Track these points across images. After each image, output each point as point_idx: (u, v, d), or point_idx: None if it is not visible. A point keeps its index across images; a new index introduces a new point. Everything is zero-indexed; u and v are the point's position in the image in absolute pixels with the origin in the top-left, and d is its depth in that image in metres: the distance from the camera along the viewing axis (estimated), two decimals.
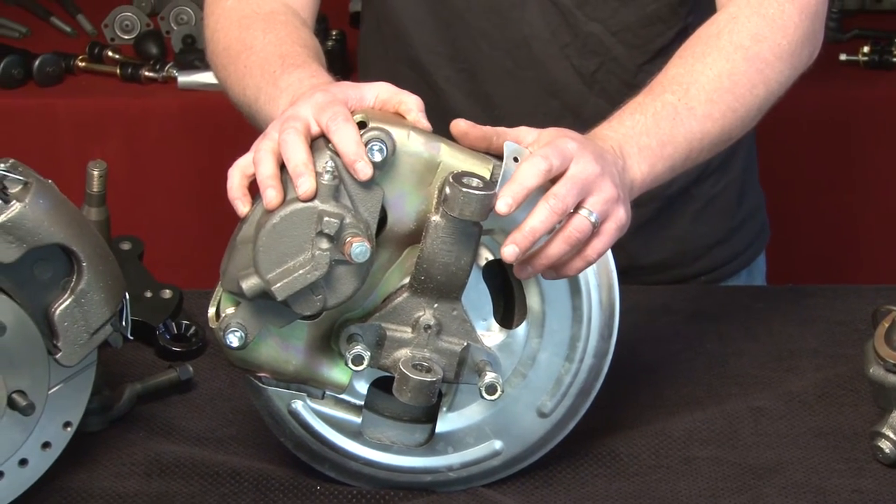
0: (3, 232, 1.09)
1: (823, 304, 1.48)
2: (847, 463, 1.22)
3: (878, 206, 2.39)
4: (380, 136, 1.10)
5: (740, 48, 1.31)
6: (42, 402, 1.14)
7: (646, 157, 1.21)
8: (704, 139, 1.27)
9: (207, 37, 1.46)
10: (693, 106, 1.26)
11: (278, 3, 1.43)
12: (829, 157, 2.38)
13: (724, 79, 1.29)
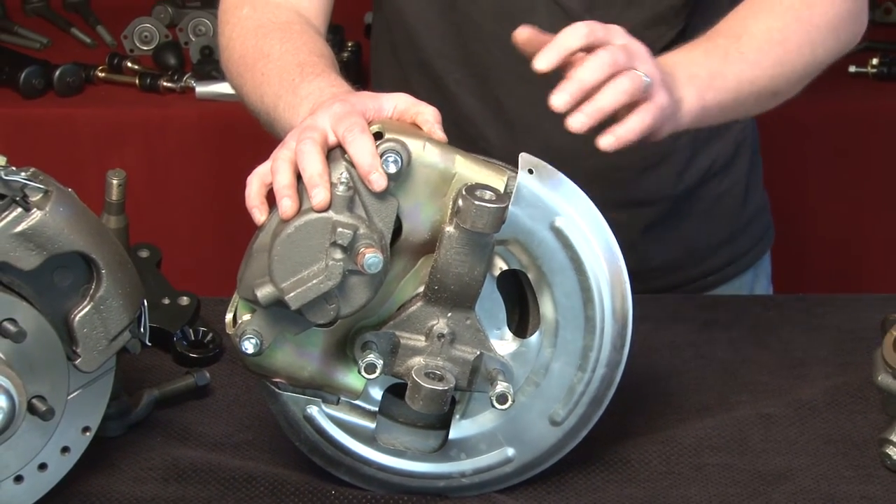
0: (24, 239, 1.10)
1: (832, 314, 1.48)
2: (856, 469, 1.22)
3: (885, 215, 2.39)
4: (395, 147, 1.10)
5: (791, 9, 1.36)
6: (61, 407, 1.14)
7: (695, 85, 1.26)
8: (754, 84, 1.32)
9: (223, 45, 1.46)
10: (744, 51, 1.31)
11: (293, 14, 1.44)
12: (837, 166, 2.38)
13: (775, 33, 1.34)
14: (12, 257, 1.10)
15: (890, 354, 1.22)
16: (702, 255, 1.62)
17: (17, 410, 1.08)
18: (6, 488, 1.14)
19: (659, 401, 1.32)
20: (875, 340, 1.26)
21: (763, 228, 1.71)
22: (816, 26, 1.37)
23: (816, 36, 1.37)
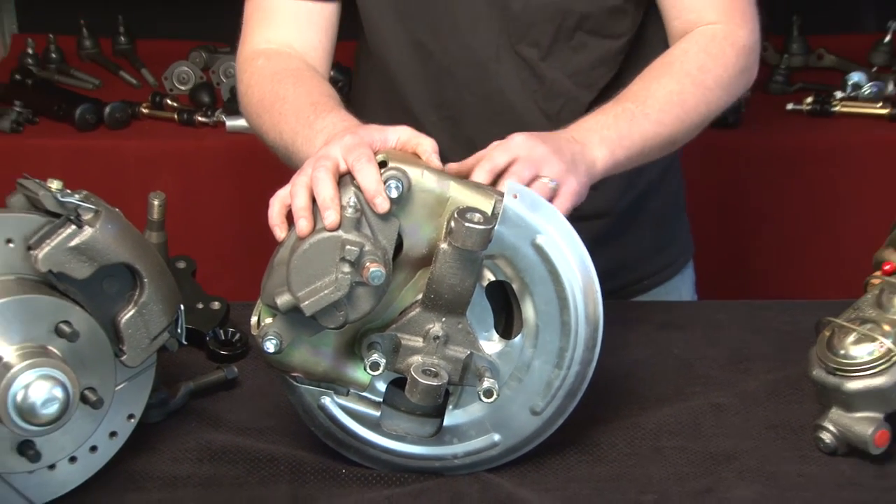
0: (78, 253, 1.10)
1: (773, 317, 1.48)
2: (794, 451, 1.22)
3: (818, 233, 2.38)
4: (397, 174, 1.10)
5: (689, 75, 1.38)
6: (109, 397, 1.14)
7: (607, 145, 1.28)
8: (657, 138, 1.34)
9: (241, 91, 1.46)
10: (648, 112, 1.33)
11: (301, 62, 1.44)
12: (778, 190, 2.38)
13: (675, 96, 1.36)
14: (67, 268, 1.10)
15: (823, 352, 1.22)
16: (637, 263, 1.62)
17: (72, 400, 1.08)
18: (62, 467, 1.14)
19: (624, 393, 1.31)
20: (810, 340, 1.25)
21: (686, 241, 1.73)
22: (710, 88, 1.39)
23: (710, 96, 1.40)
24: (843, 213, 2.34)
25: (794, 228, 2.39)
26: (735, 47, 1.42)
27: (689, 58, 1.40)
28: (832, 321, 1.24)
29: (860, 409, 1.19)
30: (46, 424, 1.07)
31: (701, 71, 1.39)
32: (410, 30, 1.49)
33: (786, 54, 2.59)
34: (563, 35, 1.47)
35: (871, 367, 1.19)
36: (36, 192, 1.12)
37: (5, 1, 2.78)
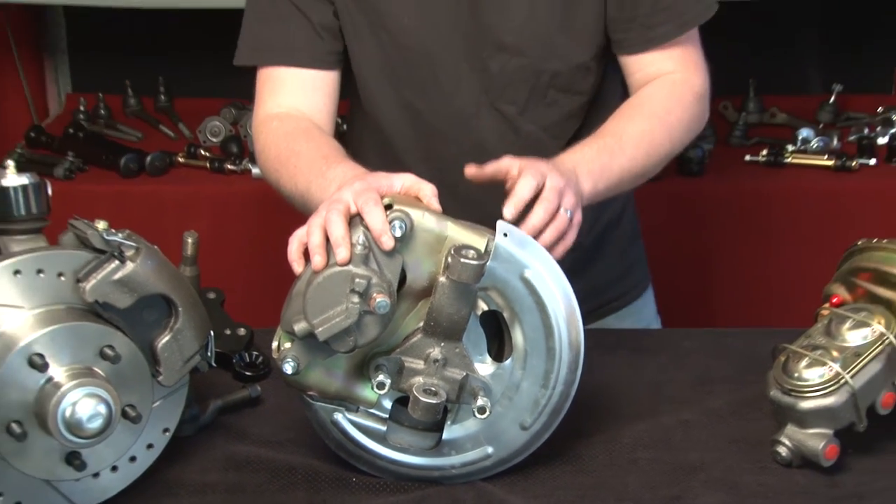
0: (120, 285, 1.10)
1: (734, 343, 1.47)
2: (754, 463, 1.21)
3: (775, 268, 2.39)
4: (401, 216, 1.11)
5: (656, 115, 1.41)
6: (147, 413, 1.14)
7: (592, 177, 1.30)
8: (631, 172, 1.37)
9: (259, 150, 1.47)
10: (624, 149, 1.35)
11: (310, 122, 1.45)
12: (739, 231, 2.38)
13: (646, 134, 1.39)
14: (111, 298, 1.10)
15: (779, 375, 1.22)
16: (604, 289, 1.61)
17: (114, 416, 1.07)
18: (105, 476, 1.14)
19: (603, 410, 1.30)
20: (767, 364, 1.25)
21: (643, 270, 1.72)
22: (674, 127, 1.42)
23: (674, 134, 1.42)
24: (795, 252, 2.34)
25: (752, 265, 2.40)
26: (692, 92, 1.45)
27: (656, 101, 1.42)
28: (787, 347, 1.24)
29: (812, 425, 1.19)
30: (91, 437, 1.07)
31: (666, 113, 1.41)
32: (400, 91, 1.49)
33: (743, 112, 2.60)
34: (537, 93, 1.48)
35: (821, 389, 1.18)
36: (84, 231, 1.12)
37: (61, 64, 2.79)
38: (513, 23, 1.43)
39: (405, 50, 1.46)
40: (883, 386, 1.20)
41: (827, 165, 2.39)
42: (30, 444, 1.08)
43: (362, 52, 1.48)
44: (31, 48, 2.75)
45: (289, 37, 1.46)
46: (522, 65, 1.45)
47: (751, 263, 2.40)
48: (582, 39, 1.45)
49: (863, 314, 1.23)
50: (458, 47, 1.45)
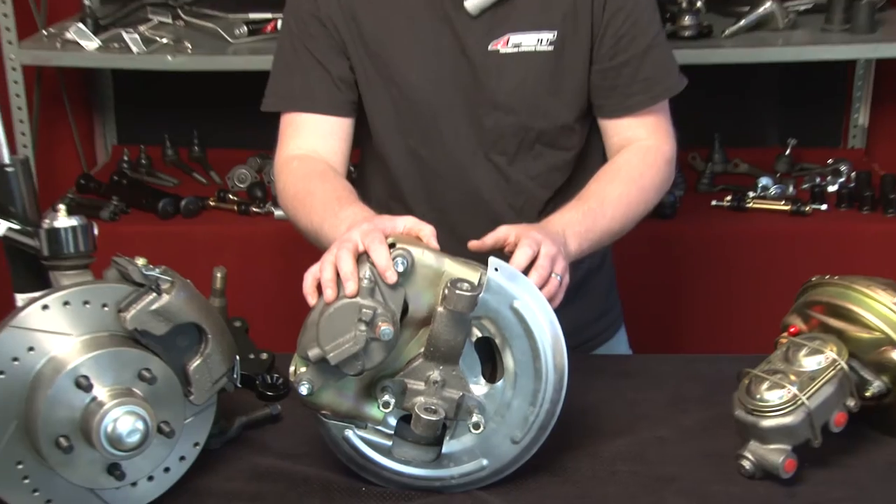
0: (157, 314, 1.10)
1: (704, 367, 1.46)
2: (721, 475, 1.20)
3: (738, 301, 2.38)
4: (403, 254, 1.11)
5: (631, 179, 1.41)
6: (180, 428, 1.14)
7: (577, 239, 1.31)
8: (609, 231, 1.38)
9: (279, 188, 1.47)
10: (605, 212, 1.36)
11: (326, 165, 1.45)
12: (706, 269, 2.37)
13: (623, 196, 1.39)
14: (149, 326, 1.10)
15: (743, 396, 1.21)
16: (582, 329, 1.58)
17: (150, 431, 1.07)
18: (142, 484, 1.14)
19: (586, 427, 1.30)
20: (733, 386, 1.25)
21: (617, 312, 1.71)
22: (647, 189, 1.43)
23: (647, 195, 1.43)
24: (756, 286, 2.34)
25: (719, 297, 2.39)
26: (663, 158, 1.45)
27: (632, 166, 1.43)
28: (750, 371, 1.24)
29: (773, 442, 1.18)
30: (130, 450, 1.07)
31: (640, 177, 1.42)
32: (407, 140, 1.49)
33: (710, 162, 2.61)
34: (525, 146, 1.48)
35: (781, 409, 1.18)
36: (126, 267, 1.12)
37: (108, 118, 2.81)
38: (507, 86, 1.44)
39: (412, 103, 1.47)
40: (835, 406, 1.19)
41: (784, 210, 2.40)
42: (76, 456, 1.08)
43: (374, 103, 1.49)
44: (82, 104, 2.77)
45: (310, 86, 1.47)
46: (513, 122, 1.46)
47: (717, 296, 2.39)
48: (567, 103, 1.46)
49: (817, 342, 1.23)
50: (459, 104, 1.46)
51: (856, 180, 2.48)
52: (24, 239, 1.18)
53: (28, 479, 1.09)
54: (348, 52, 1.46)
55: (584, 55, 1.43)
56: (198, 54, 2.27)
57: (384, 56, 1.45)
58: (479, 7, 1.40)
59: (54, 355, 1.08)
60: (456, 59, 1.43)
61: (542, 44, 1.42)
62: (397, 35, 1.44)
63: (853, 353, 1.23)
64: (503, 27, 1.42)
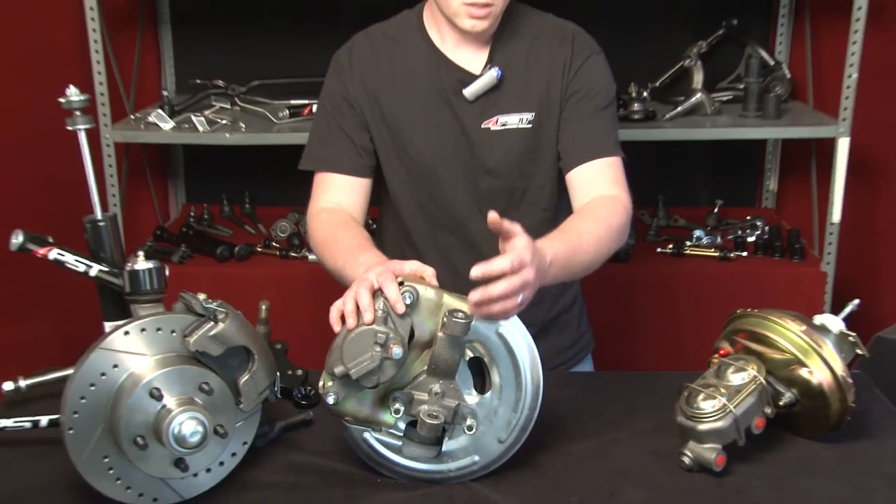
0: (214, 339, 1.10)
1: (653, 382, 1.45)
2: (668, 469, 1.20)
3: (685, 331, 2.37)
4: (410, 290, 1.11)
5: (602, 219, 1.34)
6: (232, 430, 1.13)
7: (558, 265, 1.22)
8: (582, 263, 1.29)
9: (310, 234, 1.45)
10: (582, 245, 1.28)
11: (349, 216, 1.44)
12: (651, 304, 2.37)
13: (594, 233, 1.31)
14: (207, 348, 1.10)
15: (683, 405, 1.21)
16: (555, 355, 1.56)
17: (208, 433, 1.07)
18: (201, 475, 1.13)
19: (558, 430, 1.29)
20: (676, 397, 1.24)
21: (588, 338, 1.68)
22: (613, 228, 1.35)
23: (613, 234, 1.35)
24: (693, 317, 2.33)
25: (664, 326, 2.39)
26: (623, 208, 1.40)
27: (601, 211, 1.37)
28: (689, 385, 1.23)
29: (707, 442, 1.18)
30: (192, 448, 1.07)
31: (608, 218, 1.36)
32: (416, 197, 1.50)
33: (655, 218, 2.62)
34: (511, 205, 1.48)
35: (713, 416, 1.18)
36: (190, 301, 1.13)
37: (179, 183, 2.82)
38: (496, 156, 1.45)
39: (421, 168, 1.47)
40: (756, 413, 1.19)
41: (714, 256, 2.40)
42: (149, 452, 1.07)
43: (390, 167, 1.49)
44: (159, 172, 2.79)
45: (338, 152, 1.47)
46: (501, 184, 1.47)
47: (663, 325, 2.39)
48: (543, 168, 1.47)
49: (741, 362, 1.23)
50: (458, 170, 1.47)
51: (768, 233, 2.49)
52: (111, 279, 1.19)
53: (112, 470, 1.09)
54: (370, 127, 1.47)
55: (554, 129, 1.44)
56: (249, 132, 2.29)
57: (399, 131, 1.46)
58: (474, 95, 1.43)
59: (133, 371, 1.08)
60: (456, 135, 1.45)
61: (523, 122, 1.43)
62: (410, 115, 1.45)
63: (769, 371, 1.23)
64: (493, 110, 1.43)
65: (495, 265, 1.09)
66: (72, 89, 1.17)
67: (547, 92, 1.43)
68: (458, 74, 1.43)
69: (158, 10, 2.62)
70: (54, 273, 1.18)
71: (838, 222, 2.26)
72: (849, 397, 1.21)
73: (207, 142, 2.30)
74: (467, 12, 1.35)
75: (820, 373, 1.21)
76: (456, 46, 1.43)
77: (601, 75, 1.43)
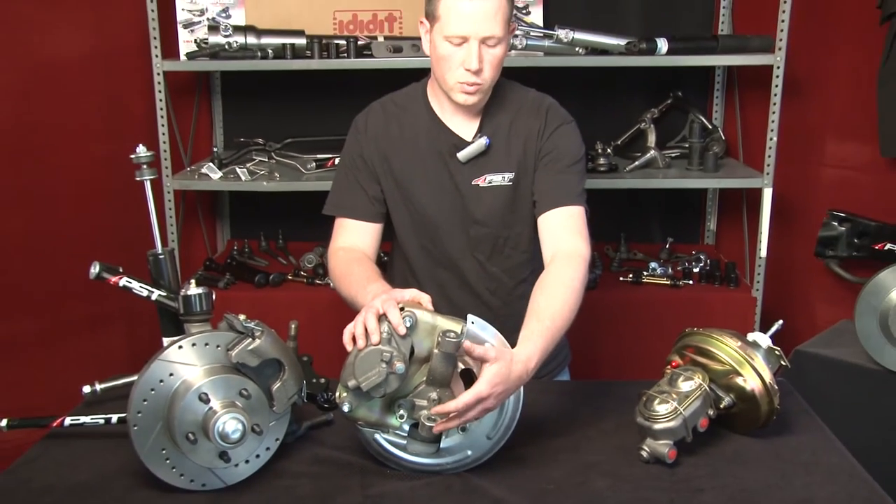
0: (252, 353, 1.10)
1: (618, 389, 1.43)
2: (628, 461, 1.19)
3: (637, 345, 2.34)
4: (409, 314, 1.11)
5: (569, 287, 1.25)
6: (266, 428, 1.13)
7: (541, 358, 1.16)
8: (557, 339, 1.20)
9: (330, 268, 1.43)
10: (555, 324, 1.19)
11: (361, 254, 1.43)
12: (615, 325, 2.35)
13: (565, 305, 1.22)
14: (246, 361, 1.10)
15: (642, 408, 1.20)
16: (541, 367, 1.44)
17: (247, 431, 1.07)
18: (241, 465, 1.13)
19: (536, 428, 1.28)
20: (636, 401, 1.24)
21: (566, 353, 1.63)
22: (577, 291, 1.25)
23: (578, 296, 1.25)
24: (649, 334, 2.31)
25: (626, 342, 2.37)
26: (584, 260, 1.30)
27: (564, 274, 1.27)
28: (646, 392, 1.23)
29: (661, 439, 1.17)
30: (234, 443, 1.07)
31: (572, 281, 1.26)
32: (419, 240, 1.48)
33: (618, 252, 2.61)
34: (497, 249, 1.47)
35: (666, 417, 1.18)
36: (232, 320, 1.13)
37: (224, 223, 2.83)
38: (483, 209, 1.44)
39: (422, 217, 1.47)
40: (701, 415, 1.19)
41: (666, 284, 2.40)
42: (199, 446, 1.07)
43: (397, 215, 1.48)
44: (209, 213, 2.80)
45: (353, 201, 1.46)
46: (487, 232, 1.46)
47: (625, 341, 2.37)
48: (522, 218, 1.45)
49: (689, 372, 1.23)
50: (453, 219, 1.46)
51: (710, 265, 2.49)
52: (168, 302, 1.19)
53: (168, 460, 1.08)
54: (381, 181, 1.47)
55: (530, 185, 1.43)
56: (283, 181, 2.30)
57: (405, 185, 1.46)
58: (466, 158, 1.43)
59: (185, 379, 1.08)
60: (452, 190, 1.45)
61: (505, 180, 1.43)
62: (414, 172, 1.45)
63: (712, 379, 1.23)
64: (482, 170, 1.43)
65: (449, 406, 1.08)
66: (140, 148, 1.19)
67: (524, 154, 1.43)
68: (453, 140, 1.43)
69: (211, 83, 2.66)
70: (124, 297, 1.18)
71: (765, 256, 2.27)
72: (775, 401, 1.21)
73: (249, 189, 2.32)
74: (461, 89, 1.36)
75: (752, 381, 1.21)
76: (452, 115, 1.44)
77: (569, 141, 1.42)
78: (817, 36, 2.31)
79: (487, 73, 1.35)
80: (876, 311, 1.81)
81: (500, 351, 1.11)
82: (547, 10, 2.42)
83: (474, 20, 1.29)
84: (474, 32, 1.30)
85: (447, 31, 1.32)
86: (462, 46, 1.32)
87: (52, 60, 2.17)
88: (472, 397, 1.08)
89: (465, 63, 1.33)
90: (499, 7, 1.30)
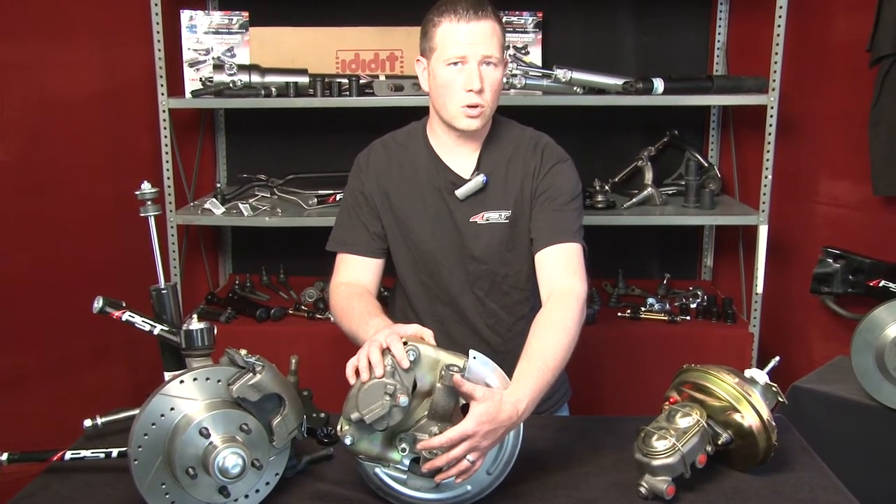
0: (253, 388, 1.11)
1: (616, 425, 1.43)
2: (627, 497, 1.19)
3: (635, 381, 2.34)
4: (412, 349, 1.11)
5: (562, 327, 1.23)
6: (266, 463, 1.12)
7: (532, 399, 1.15)
8: (551, 380, 1.18)
9: (332, 303, 1.44)
10: (548, 365, 1.18)
11: (362, 289, 1.43)
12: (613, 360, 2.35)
13: (558, 345, 1.21)
14: (247, 395, 1.10)
15: (640, 444, 1.20)
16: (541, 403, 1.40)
17: (247, 466, 1.07)
18: (241, 501, 1.12)
19: (536, 464, 1.28)
20: (634, 437, 1.23)
21: (565, 389, 1.62)
22: (572, 331, 1.23)
23: (572, 336, 1.23)
24: (647, 370, 2.31)
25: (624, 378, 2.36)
26: (579, 299, 1.29)
27: (559, 314, 1.25)
28: (645, 428, 1.23)
29: (660, 475, 1.17)
30: (234, 478, 1.06)
31: (566, 321, 1.24)
32: (419, 276, 1.49)
33: (616, 288, 2.62)
34: (496, 286, 1.47)
35: (665, 453, 1.18)
36: (233, 355, 1.13)
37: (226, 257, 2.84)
38: (481, 245, 1.45)
39: (422, 253, 1.48)
40: (699, 451, 1.19)
41: (664, 319, 2.40)
42: (198, 481, 1.07)
43: (397, 250, 1.49)
44: (211, 248, 2.82)
45: (355, 237, 1.47)
46: (485, 269, 1.46)
47: (623, 377, 2.37)
48: (519, 255, 1.46)
49: (687, 408, 1.23)
50: (452, 255, 1.47)
51: (707, 301, 2.50)
52: (170, 336, 1.20)
53: (168, 495, 1.08)
54: (381, 218, 1.48)
55: (527, 223, 1.44)
56: (285, 216, 2.33)
57: (405, 222, 1.48)
58: (464, 195, 1.45)
59: (186, 413, 1.08)
60: (450, 227, 1.46)
61: (502, 217, 1.44)
62: (414, 209, 1.47)
63: (709, 416, 1.23)
64: (479, 207, 1.45)
65: (434, 441, 1.08)
66: (145, 184, 1.21)
67: (521, 192, 1.44)
68: (451, 177, 1.45)
69: (215, 120, 2.71)
70: (127, 331, 1.19)
71: (762, 292, 2.28)
72: (773, 437, 1.21)
73: (251, 224, 2.34)
74: (464, 113, 1.37)
75: (750, 417, 1.21)
76: (451, 153, 1.46)
77: (565, 179, 1.43)
78: (810, 77, 2.36)
79: (488, 95, 1.37)
80: (872, 348, 1.82)
81: (489, 391, 1.10)
82: (545, 51, 2.47)
83: (472, 41, 1.32)
84: (473, 53, 1.33)
85: (446, 55, 1.34)
86: (462, 70, 1.35)
87: (60, 99, 2.21)
88: (457, 434, 1.08)
89: (467, 84, 1.35)
90: (493, 30, 1.33)
